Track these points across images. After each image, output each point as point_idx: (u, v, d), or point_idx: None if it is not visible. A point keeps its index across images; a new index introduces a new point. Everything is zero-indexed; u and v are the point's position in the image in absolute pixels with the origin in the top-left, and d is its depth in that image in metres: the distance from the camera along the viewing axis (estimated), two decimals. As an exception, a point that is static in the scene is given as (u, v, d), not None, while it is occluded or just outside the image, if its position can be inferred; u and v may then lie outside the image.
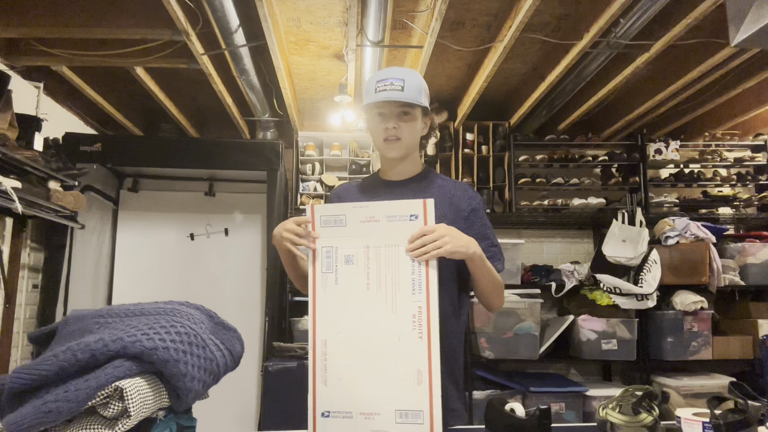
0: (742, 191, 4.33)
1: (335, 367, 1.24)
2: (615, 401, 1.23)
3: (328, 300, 1.28)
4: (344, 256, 1.28)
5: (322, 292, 1.29)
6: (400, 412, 1.19)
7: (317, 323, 1.28)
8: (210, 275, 3.92)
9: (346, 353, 1.24)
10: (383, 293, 1.24)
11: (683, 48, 3.04)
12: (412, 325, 1.21)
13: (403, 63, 3.38)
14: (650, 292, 3.50)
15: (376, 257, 1.26)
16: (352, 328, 1.25)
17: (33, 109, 3.00)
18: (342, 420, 1.22)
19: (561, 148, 4.19)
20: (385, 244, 1.26)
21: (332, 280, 1.29)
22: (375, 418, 1.20)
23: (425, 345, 1.19)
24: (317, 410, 1.24)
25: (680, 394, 3.41)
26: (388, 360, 1.22)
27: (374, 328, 1.24)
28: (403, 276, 1.24)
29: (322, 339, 1.26)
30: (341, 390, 1.23)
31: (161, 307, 1.10)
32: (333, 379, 1.24)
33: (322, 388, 1.24)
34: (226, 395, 3.59)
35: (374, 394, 1.21)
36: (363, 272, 1.27)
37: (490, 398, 1.28)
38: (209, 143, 3.71)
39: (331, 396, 1.23)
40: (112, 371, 0.91)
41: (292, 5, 2.67)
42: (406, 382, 1.19)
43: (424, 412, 1.17)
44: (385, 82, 1.44)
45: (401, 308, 1.23)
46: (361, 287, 1.26)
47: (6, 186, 2.32)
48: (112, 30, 2.67)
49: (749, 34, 2.00)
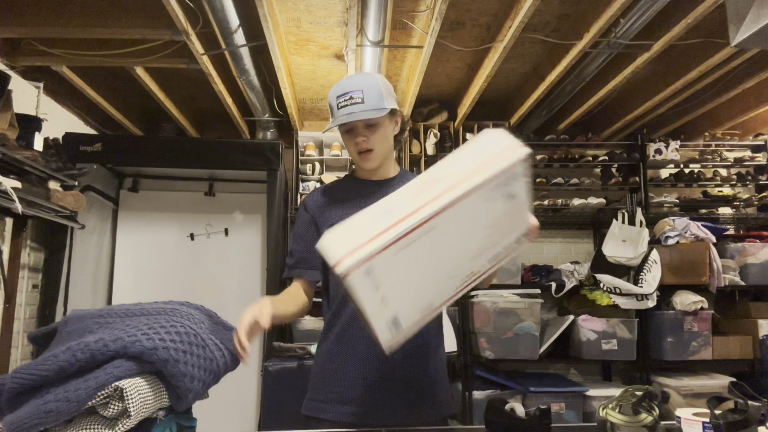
0: (742, 191, 4.33)
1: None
2: (615, 401, 1.23)
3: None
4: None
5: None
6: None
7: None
8: (210, 275, 3.92)
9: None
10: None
11: (683, 48, 3.04)
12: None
13: (403, 63, 3.38)
14: (650, 292, 3.50)
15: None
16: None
17: (33, 109, 3.00)
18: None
19: (561, 148, 4.18)
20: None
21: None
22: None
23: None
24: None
25: (680, 394, 3.41)
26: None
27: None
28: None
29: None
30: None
31: (161, 307, 1.10)
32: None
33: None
34: (226, 395, 3.59)
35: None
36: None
37: (490, 398, 1.28)
38: (209, 143, 3.71)
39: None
40: (112, 371, 0.91)
41: (292, 5, 2.67)
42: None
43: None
44: (344, 97, 1.41)
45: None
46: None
47: (6, 186, 2.31)
48: (112, 30, 2.67)
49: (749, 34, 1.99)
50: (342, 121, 1.41)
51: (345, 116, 1.41)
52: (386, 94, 1.46)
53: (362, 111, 1.41)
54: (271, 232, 3.48)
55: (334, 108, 1.45)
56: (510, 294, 3.55)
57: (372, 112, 1.41)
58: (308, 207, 1.56)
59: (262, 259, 3.96)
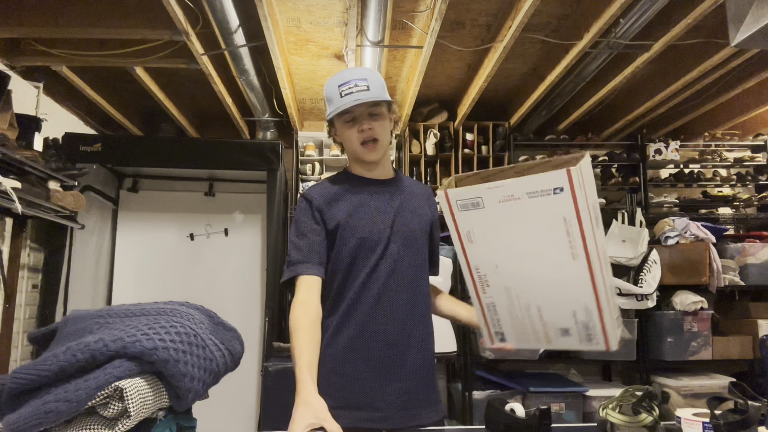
0: (742, 191, 4.33)
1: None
2: (615, 401, 1.23)
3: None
4: (492, 241, 1.22)
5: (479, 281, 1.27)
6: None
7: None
8: (210, 275, 3.92)
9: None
10: (541, 264, 1.20)
11: (683, 48, 3.04)
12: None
13: (403, 63, 3.38)
14: (650, 293, 3.50)
15: (526, 238, 1.18)
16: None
17: (33, 109, 3.00)
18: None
19: (561, 148, 4.18)
20: (533, 225, 1.16)
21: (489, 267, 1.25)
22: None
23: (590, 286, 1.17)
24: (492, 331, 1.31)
25: (680, 394, 3.41)
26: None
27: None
28: (559, 248, 1.15)
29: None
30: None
31: (161, 307, 1.10)
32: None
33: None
34: (226, 395, 3.59)
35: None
36: (516, 252, 1.21)
37: (490, 398, 1.29)
38: (209, 143, 3.71)
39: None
40: (112, 371, 0.91)
41: (292, 5, 2.67)
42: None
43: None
44: (348, 84, 1.39)
45: (564, 276, 1.18)
46: (517, 264, 1.22)
47: (6, 186, 2.31)
48: (112, 30, 2.67)
49: (749, 34, 2.00)
50: (353, 104, 1.38)
51: (354, 101, 1.37)
52: (385, 87, 1.48)
53: (370, 97, 1.39)
54: (271, 233, 3.48)
55: (335, 96, 1.41)
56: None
57: (379, 97, 1.41)
58: (314, 201, 1.46)
59: (262, 260, 3.96)
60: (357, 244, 1.42)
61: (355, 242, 1.42)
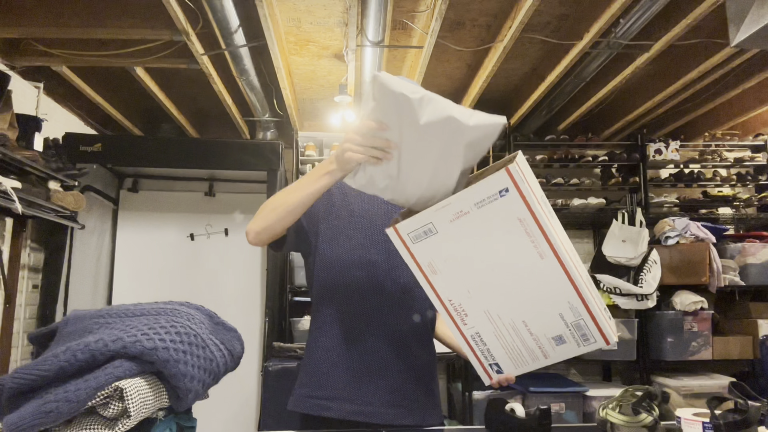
0: (742, 191, 4.33)
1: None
2: (615, 401, 1.23)
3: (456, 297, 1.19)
4: (455, 264, 1.16)
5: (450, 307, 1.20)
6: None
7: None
8: (210, 275, 3.92)
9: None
10: (511, 274, 1.14)
11: (683, 48, 3.04)
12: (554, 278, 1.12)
13: (403, 63, 3.38)
14: (650, 292, 3.50)
15: (488, 250, 1.13)
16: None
17: (33, 109, 3.00)
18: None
19: (561, 148, 4.19)
20: (490, 235, 1.11)
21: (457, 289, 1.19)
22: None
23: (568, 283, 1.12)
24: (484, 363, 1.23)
25: (680, 394, 3.41)
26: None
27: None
28: (524, 252, 1.11)
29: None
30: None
31: (161, 307, 1.10)
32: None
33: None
34: (226, 395, 3.60)
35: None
36: (483, 269, 1.15)
37: (490, 398, 1.28)
38: (209, 143, 3.71)
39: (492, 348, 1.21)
40: (112, 371, 0.91)
41: (292, 5, 2.67)
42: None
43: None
44: None
45: (538, 279, 1.13)
46: (488, 281, 1.16)
47: (6, 186, 2.31)
48: (112, 30, 2.67)
49: (749, 34, 2.00)
50: None
51: None
52: None
53: None
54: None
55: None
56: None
57: None
58: (336, 191, 1.48)
59: (262, 260, 3.96)
60: (356, 242, 1.43)
61: (357, 238, 1.44)
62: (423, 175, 1.14)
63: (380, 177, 1.17)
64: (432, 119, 1.06)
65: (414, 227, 1.15)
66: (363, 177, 1.18)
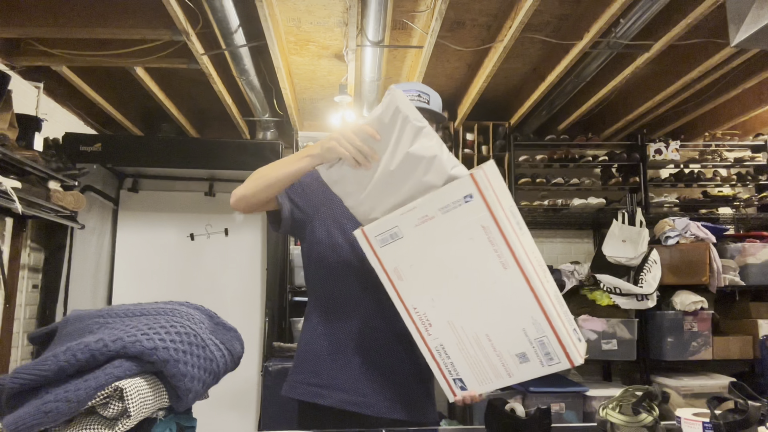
0: (742, 191, 4.33)
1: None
2: (615, 401, 1.23)
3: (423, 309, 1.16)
4: (420, 271, 1.14)
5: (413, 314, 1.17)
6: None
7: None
8: (210, 275, 3.92)
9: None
10: (475, 284, 1.11)
11: (683, 48, 3.04)
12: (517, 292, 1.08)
13: (403, 63, 3.38)
14: (650, 292, 3.50)
15: (452, 258, 1.11)
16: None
17: (33, 109, 3.00)
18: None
19: (561, 148, 4.19)
20: (455, 241, 1.09)
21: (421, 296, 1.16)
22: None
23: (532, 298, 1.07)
24: (449, 378, 1.18)
25: (680, 394, 3.41)
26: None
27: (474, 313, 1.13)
28: (487, 261, 1.08)
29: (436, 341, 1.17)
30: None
31: (161, 307, 1.10)
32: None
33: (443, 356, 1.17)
34: (226, 395, 3.60)
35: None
36: (446, 277, 1.13)
37: (490, 398, 1.28)
38: (209, 143, 3.71)
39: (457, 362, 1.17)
40: (112, 371, 0.91)
41: (292, 5, 2.67)
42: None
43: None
44: (411, 93, 1.44)
45: (501, 290, 1.09)
46: (451, 291, 1.13)
47: (6, 186, 2.31)
48: (112, 30, 2.67)
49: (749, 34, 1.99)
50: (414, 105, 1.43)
51: (416, 103, 1.41)
52: (441, 109, 1.52)
53: (428, 107, 1.44)
54: (271, 233, 3.48)
55: None
56: (510, 294, 3.54)
57: (436, 109, 1.46)
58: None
59: (262, 260, 3.96)
60: (351, 234, 1.44)
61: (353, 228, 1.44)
62: (388, 198, 1.13)
63: (351, 181, 1.17)
64: (420, 152, 1.07)
65: (381, 230, 1.14)
66: (336, 173, 1.18)
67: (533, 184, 4.04)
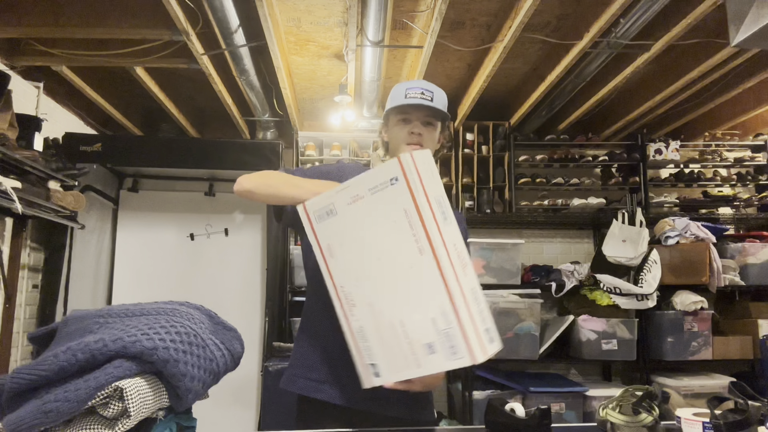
0: (742, 191, 4.33)
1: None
2: (615, 401, 1.23)
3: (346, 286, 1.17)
4: (348, 249, 1.16)
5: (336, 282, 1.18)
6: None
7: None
8: (210, 275, 3.92)
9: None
10: (393, 267, 1.12)
11: (683, 48, 3.04)
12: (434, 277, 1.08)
13: (403, 63, 3.38)
14: (650, 292, 3.50)
15: (375, 238, 1.12)
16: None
17: (33, 109, 3.00)
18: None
19: (561, 148, 4.19)
20: (379, 222, 1.10)
21: (344, 272, 1.18)
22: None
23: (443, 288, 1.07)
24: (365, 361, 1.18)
25: (680, 394, 3.41)
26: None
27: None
28: (406, 245, 1.09)
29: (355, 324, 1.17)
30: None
31: (161, 307, 1.10)
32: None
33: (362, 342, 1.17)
34: (226, 395, 3.59)
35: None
36: (370, 258, 1.14)
37: (490, 398, 1.28)
38: (209, 143, 3.71)
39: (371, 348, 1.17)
40: (112, 371, 0.91)
41: (292, 5, 2.67)
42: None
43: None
44: (415, 90, 1.45)
45: (416, 276, 1.09)
46: (373, 273, 1.14)
47: (6, 186, 2.31)
48: (112, 30, 2.67)
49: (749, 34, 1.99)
50: (413, 101, 1.44)
51: (417, 101, 1.43)
52: (446, 107, 1.52)
53: (431, 104, 1.45)
54: (272, 233, 3.48)
55: (401, 96, 1.47)
56: (510, 294, 3.55)
57: (440, 107, 1.46)
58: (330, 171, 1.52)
59: (262, 260, 3.96)
60: None
61: None
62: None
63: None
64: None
65: (319, 206, 1.16)
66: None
67: (533, 184, 4.05)
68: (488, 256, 3.64)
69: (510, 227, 4.28)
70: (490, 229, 4.22)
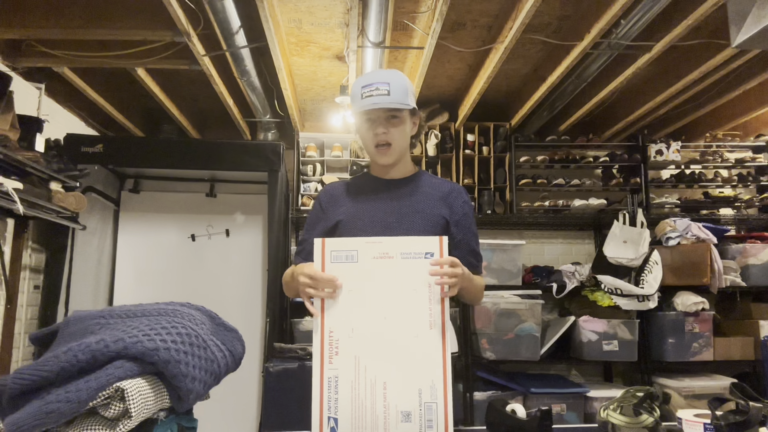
0: (743, 192, 4.32)
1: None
2: (616, 402, 1.23)
3: (343, 345, 1.21)
4: (355, 298, 1.21)
5: (334, 336, 1.22)
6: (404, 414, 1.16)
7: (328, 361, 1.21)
8: (211, 276, 3.92)
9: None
10: (398, 330, 1.19)
11: (684, 49, 3.04)
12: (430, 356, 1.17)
13: (404, 64, 3.38)
14: (651, 293, 3.50)
15: (390, 299, 1.20)
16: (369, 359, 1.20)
17: (34, 110, 3.00)
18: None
19: (562, 149, 4.19)
20: (400, 285, 1.19)
21: (345, 327, 1.21)
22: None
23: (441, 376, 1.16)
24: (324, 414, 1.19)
25: (681, 395, 3.41)
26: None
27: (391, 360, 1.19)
28: (419, 314, 1.18)
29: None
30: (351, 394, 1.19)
31: (162, 308, 1.10)
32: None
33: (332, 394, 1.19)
34: (227, 396, 3.59)
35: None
36: (376, 314, 1.20)
37: (491, 399, 1.28)
38: (210, 144, 3.71)
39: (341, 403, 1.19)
40: (113, 372, 0.92)
41: (293, 6, 2.68)
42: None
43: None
44: (370, 87, 1.43)
45: (418, 346, 1.18)
46: (374, 329, 1.20)
47: (7, 187, 2.32)
48: (114, 31, 2.67)
49: (750, 35, 2.00)
50: (368, 107, 1.43)
51: (372, 104, 1.42)
52: (410, 92, 1.49)
53: (387, 102, 1.43)
54: (272, 233, 3.48)
55: (358, 97, 1.45)
56: (511, 295, 3.55)
57: (396, 104, 1.44)
58: (322, 202, 1.59)
59: (263, 260, 3.97)
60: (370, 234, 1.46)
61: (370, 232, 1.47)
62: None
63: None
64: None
65: (340, 248, 1.23)
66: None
67: (534, 184, 4.04)
68: (489, 257, 3.63)
69: (511, 228, 4.28)
70: (491, 230, 4.22)
